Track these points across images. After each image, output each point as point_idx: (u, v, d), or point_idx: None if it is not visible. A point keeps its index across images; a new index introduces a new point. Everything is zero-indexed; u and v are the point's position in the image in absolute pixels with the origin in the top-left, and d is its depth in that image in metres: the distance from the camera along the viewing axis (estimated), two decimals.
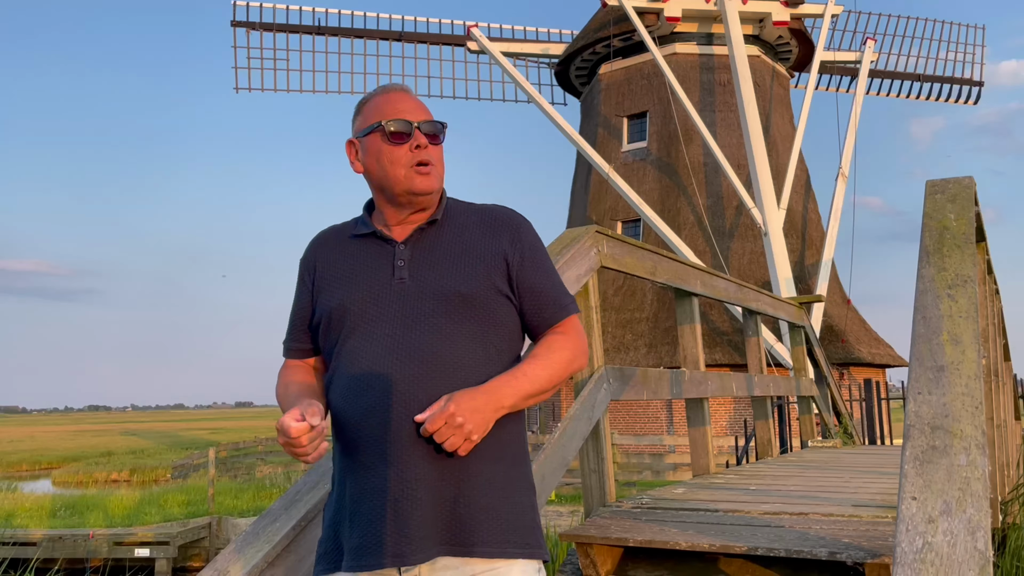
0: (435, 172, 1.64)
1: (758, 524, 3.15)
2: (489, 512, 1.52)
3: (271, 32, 24.82)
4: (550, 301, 1.67)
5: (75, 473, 31.99)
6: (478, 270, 1.61)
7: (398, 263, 1.62)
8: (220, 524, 14.16)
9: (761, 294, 6.50)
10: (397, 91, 1.70)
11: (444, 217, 1.68)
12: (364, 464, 1.53)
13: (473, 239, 1.65)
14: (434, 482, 1.50)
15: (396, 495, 1.49)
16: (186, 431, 66.68)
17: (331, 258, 1.70)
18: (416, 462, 1.49)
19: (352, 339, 1.59)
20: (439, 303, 1.57)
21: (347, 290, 1.63)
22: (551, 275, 1.70)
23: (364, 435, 1.53)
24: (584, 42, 24.81)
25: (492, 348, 1.60)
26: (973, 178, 2.88)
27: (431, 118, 1.67)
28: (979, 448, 1.69)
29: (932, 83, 27.82)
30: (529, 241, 1.69)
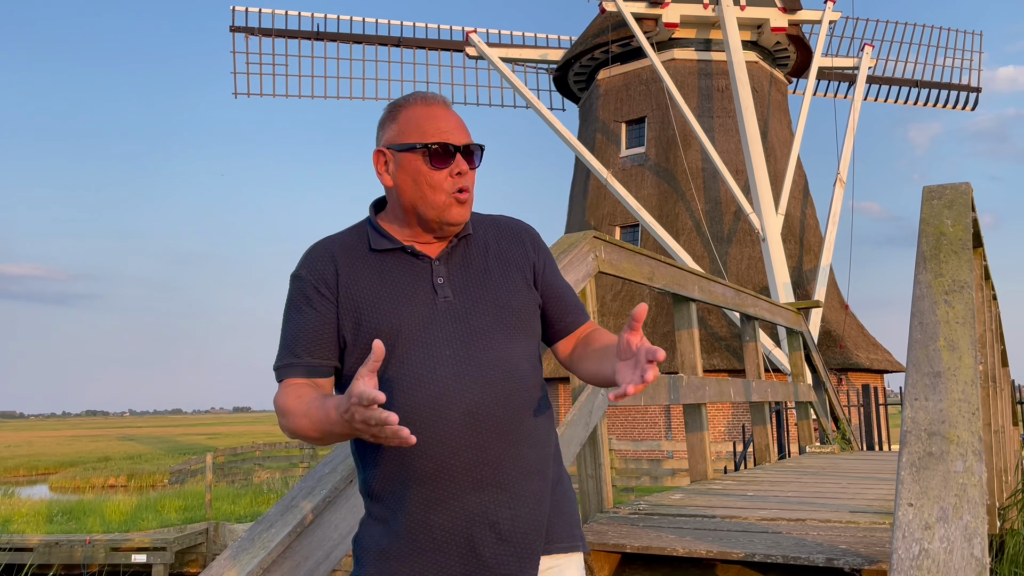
0: (470, 201, 1.58)
1: (755, 530, 3.15)
2: (558, 509, 1.58)
3: (270, 38, 24.86)
4: (572, 306, 1.71)
5: (72, 478, 31.90)
6: (519, 283, 1.62)
7: (438, 281, 1.55)
8: (217, 530, 14.12)
9: (759, 299, 6.51)
10: (439, 105, 1.59)
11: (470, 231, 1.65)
12: (453, 491, 1.47)
13: (503, 252, 1.64)
14: (532, 495, 1.52)
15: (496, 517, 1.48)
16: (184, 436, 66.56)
17: (356, 274, 1.56)
18: (512, 481, 1.50)
19: (407, 364, 1.48)
20: (495, 319, 1.55)
21: (391, 311, 1.51)
22: (565, 280, 1.75)
23: (449, 463, 1.45)
24: (582, 48, 24.86)
25: (535, 358, 1.62)
26: (970, 184, 2.88)
27: (470, 140, 1.59)
28: (976, 454, 1.69)
29: (930, 89, 27.87)
30: (545, 248, 1.72)
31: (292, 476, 21.47)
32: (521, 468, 1.51)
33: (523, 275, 1.63)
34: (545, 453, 1.57)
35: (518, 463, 1.51)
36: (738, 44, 22.14)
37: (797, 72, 25.99)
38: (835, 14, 24.33)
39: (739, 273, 21.64)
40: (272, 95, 24.98)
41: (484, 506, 1.47)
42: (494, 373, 1.50)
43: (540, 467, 1.55)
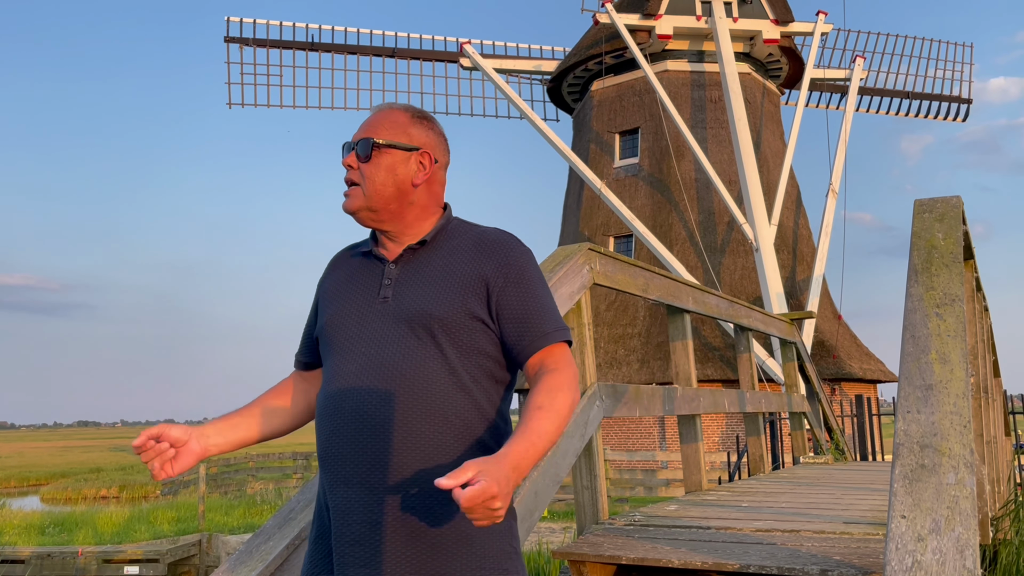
0: (355, 192, 1.63)
1: (750, 541, 3.16)
2: (463, 538, 1.46)
3: (264, 48, 24.92)
4: (531, 328, 1.58)
5: (64, 490, 31.71)
6: (454, 293, 1.57)
7: (384, 282, 1.62)
8: (210, 541, 14.05)
9: (752, 311, 6.54)
10: (372, 112, 1.71)
11: (436, 238, 1.65)
12: (333, 482, 1.53)
13: (458, 262, 1.61)
14: (397, 507, 1.46)
15: (355, 517, 1.48)
16: None
17: (336, 275, 1.73)
18: (380, 485, 1.47)
19: (333, 357, 1.61)
20: (410, 324, 1.55)
21: (337, 307, 1.65)
22: (537, 300, 1.61)
23: (333, 453, 1.53)
24: (576, 59, 24.97)
25: (467, 375, 1.54)
26: (960, 197, 2.91)
27: (367, 135, 1.63)
28: (967, 467, 1.71)
29: (921, 100, 28.08)
30: (517, 266, 1.61)
31: (285, 487, 21.38)
32: (399, 473, 1.46)
33: (464, 289, 1.57)
34: (444, 466, 1.47)
35: (396, 466, 1.47)
36: (731, 56, 22.29)
37: (789, 83, 26.15)
38: (827, 26, 24.52)
39: (732, 283, 21.70)
40: (267, 105, 25.06)
41: (348, 503, 1.49)
42: (391, 375, 1.52)
43: (427, 479, 1.46)
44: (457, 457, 1.50)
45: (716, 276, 21.49)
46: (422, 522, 1.46)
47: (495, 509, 1.30)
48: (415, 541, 1.45)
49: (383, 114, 1.68)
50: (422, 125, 1.68)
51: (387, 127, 1.65)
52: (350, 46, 25.51)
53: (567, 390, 1.53)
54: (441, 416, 1.50)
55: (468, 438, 1.53)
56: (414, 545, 1.45)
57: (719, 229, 22.45)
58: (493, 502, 1.30)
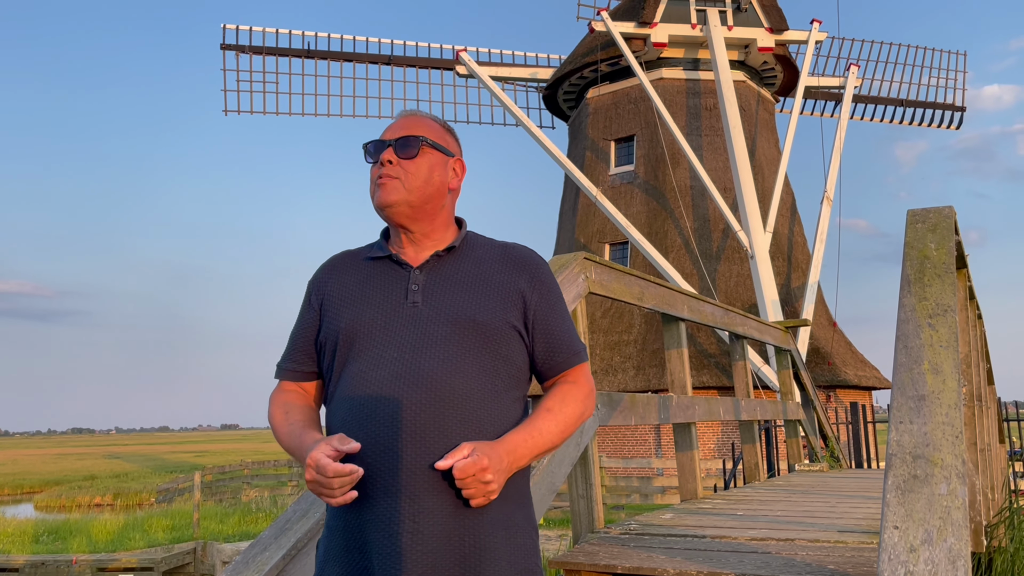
0: (394, 184, 1.61)
1: (745, 550, 3.17)
2: (494, 553, 1.47)
3: (260, 55, 24.93)
4: (563, 346, 1.64)
5: (58, 497, 31.59)
6: (494, 301, 1.58)
7: (412, 287, 1.59)
8: (205, 549, 14.00)
9: (748, 319, 6.55)
10: (399, 116, 1.71)
11: (462, 247, 1.66)
12: (367, 493, 1.47)
13: (491, 271, 1.62)
14: (441, 517, 1.45)
15: (397, 528, 1.44)
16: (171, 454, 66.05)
17: (343, 280, 1.67)
18: (423, 495, 1.45)
19: (358, 362, 1.54)
20: (452, 329, 1.53)
21: (357, 311, 1.59)
22: (566, 320, 1.67)
23: (368, 464, 1.47)
24: (572, 67, 25.04)
25: (500, 383, 1.56)
26: (953, 207, 2.93)
27: (407, 133, 1.65)
28: (959, 477, 1.72)
29: (915, 108, 28.21)
30: (548, 283, 1.66)
31: (281, 495, 21.33)
32: (436, 484, 1.45)
33: (503, 299, 1.59)
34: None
35: (433, 478, 1.44)
36: (726, 64, 22.37)
37: (784, 91, 26.25)
38: (821, 34, 24.62)
39: (728, 290, 21.74)
40: (263, 112, 25.05)
41: (389, 513, 1.45)
42: (431, 382, 1.49)
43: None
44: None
45: (712, 283, 21.53)
46: (460, 533, 1.46)
47: (487, 482, 1.41)
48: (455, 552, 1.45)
49: (418, 118, 1.70)
50: (453, 135, 1.74)
51: (427, 129, 1.68)
52: (346, 53, 25.54)
53: (579, 402, 1.61)
54: (478, 424, 1.50)
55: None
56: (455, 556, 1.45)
57: (714, 236, 22.50)
58: (484, 474, 1.40)
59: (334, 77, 25.35)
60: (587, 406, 1.63)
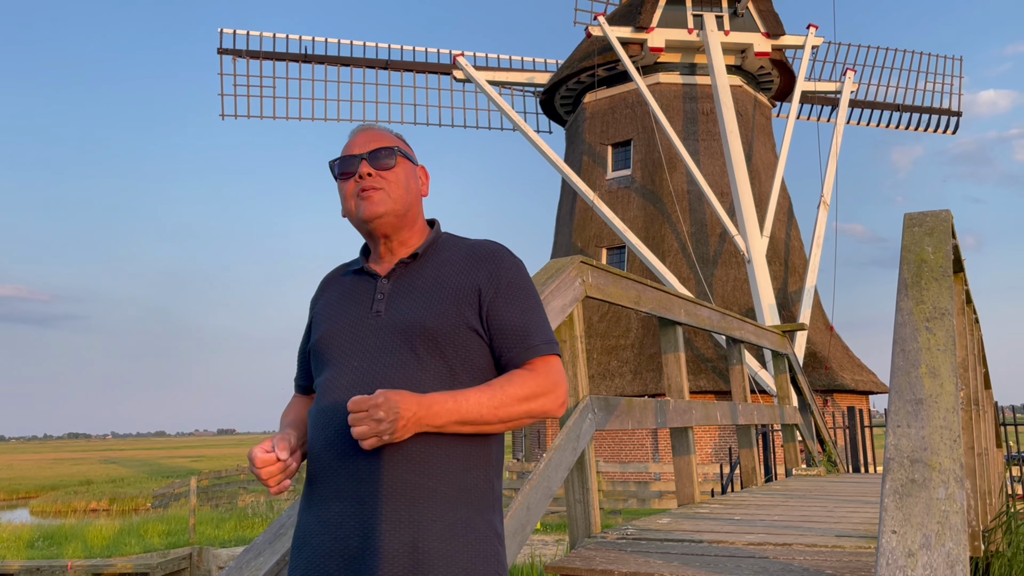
0: (378, 196, 1.63)
1: (742, 555, 3.16)
2: (447, 559, 1.45)
3: (257, 60, 24.94)
4: (519, 339, 1.59)
5: (53, 502, 31.46)
6: (448, 304, 1.57)
7: (377, 296, 1.63)
8: (201, 554, 13.93)
9: (744, 323, 6.55)
10: (357, 131, 1.72)
11: (428, 251, 1.67)
12: (321, 496, 1.53)
13: (450, 273, 1.62)
14: (388, 522, 1.45)
15: (347, 531, 1.47)
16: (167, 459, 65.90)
17: (328, 296, 1.74)
18: (371, 499, 1.46)
19: (327, 371, 1.61)
20: (404, 337, 1.56)
21: (330, 324, 1.66)
22: (527, 312, 1.61)
23: (323, 467, 1.53)
24: (569, 71, 25.07)
25: (459, 385, 1.54)
26: (950, 211, 2.93)
27: (380, 145, 1.66)
28: (957, 481, 1.71)
29: (911, 113, 28.27)
30: (508, 276, 1.62)
31: (277, 500, 21.26)
32: (388, 489, 1.46)
33: (458, 300, 1.58)
34: (431, 485, 1.47)
35: (385, 483, 1.46)
36: (722, 68, 22.42)
37: (781, 96, 26.30)
38: (817, 39, 24.68)
39: (725, 294, 21.75)
40: (260, 116, 25.06)
41: (340, 516, 1.48)
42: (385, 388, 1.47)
43: (417, 495, 1.46)
44: (446, 471, 1.50)
45: (708, 287, 21.53)
46: (412, 538, 1.45)
47: (379, 420, 1.39)
48: (406, 558, 1.44)
49: (379, 132, 1.72)
50: (409, 146, 1.77)
51: (393, 140, 1.70)
52: (343, 58, 25.56)
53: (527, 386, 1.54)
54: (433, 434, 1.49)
55: (457, 453, 1.52)
56: (405, 562, 1.43)
57: (711, 241, 22.52)
58: (376, 411, 1.39)
59: (331, 81, 25.40)
60: (537, 391, 1.54)
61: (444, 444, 1.50)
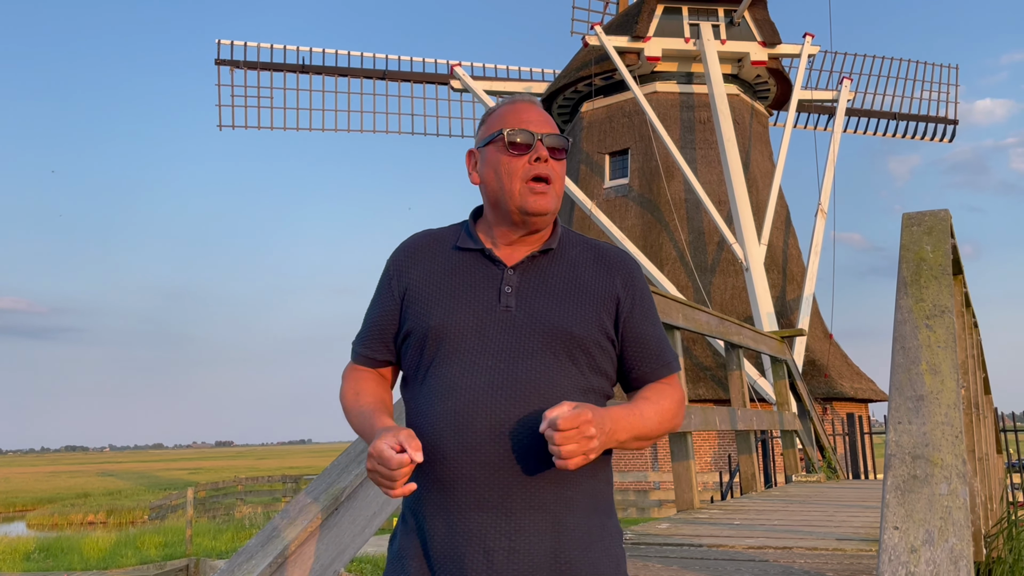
0: (552, 191, 1.52)
1: (742, 559, 3.13)
2: (590, 567, 1.43)
3: (255, 70, 24.98)
4: (655, 354, 1.58)
5: (51, 515, 31.33)
6: (589, 310, 1.51)
7: (505, 289, 1.51)
8: (198, 566, 13.87)
9: (743, 328, 6.53)
10: (524, 102, 1.58)
11: (559, 248, 1.58)
12: (459, 504, 1.42)
13: (586, 276, 1.55)
14: (534, 533, 1.40)
15: (493, 544, 1.39)
16: (165, 471, 65.68)
17: (430, 268, 1.57)
18: (518, 510, 1.40)
19: (450, 366, 1.47)
20: (549, 340, 1.47)
21: (447, 310, 1.50)
22: (658, 327, 1.61)
23: (462, 474, 1.42)
24: (566, 81, 25.13)
25: (592, 394, 1.51)
26: (949, 211, 2.91)
27: (556, 131, 1.55)
28: (960, 477, 1.69)
29: (908, 121, 28.35)
30: (641, 287, 1.60)
31: (275, 510, 21.18)
32: (533, 501, 1.40)
33: (598, 307, 1.52)
34: (569, 495, 1.43)
35: (530, 494, 1.40)
36: (719, 77, 22.47)
37: (777, 104, 26.36)
38: (814, 48, 24.76)
39: (723, 303, 21.74)
40: (257, 127, 25.08)
41: (483, 528, 1.39)
42: (529, 394, 1.43)
43: (557, 506, 1.42)
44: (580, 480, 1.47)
45: (706, 296, 21.52)
46: (554, 548, 1.41)
47: (590, 437, 1.31)
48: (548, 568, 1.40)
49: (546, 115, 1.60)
50: None
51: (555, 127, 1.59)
52: (341, 68, 25.60)
53: (675, 402, 1.55)
54: None
55: (601, 467, 1.51)
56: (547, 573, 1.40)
57: (709, 249, 22.52)
58: (588, 427, 1.30)
59: (329, 92, 25.43)
60: (680, 411, 1.56)
61: None
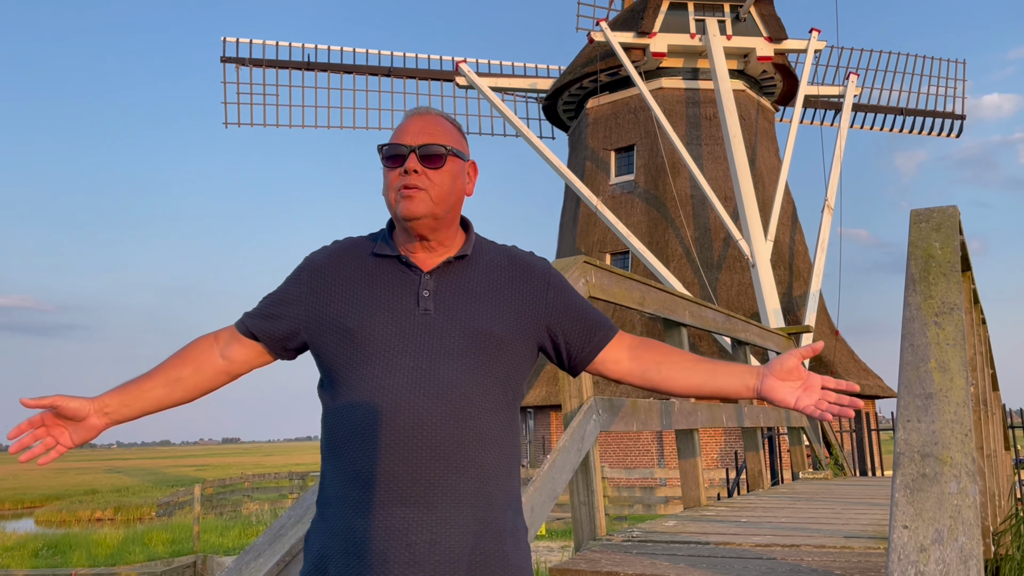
0: (421, 196, 1.56)
1: (749, 556, 3.12)
2: (503, 559, 1.49)
3: (260, 68, 25.00)
4: (598, 323, 1.69)
5: (58, 512, 31.45)
6: (507, 312, 1.58)
7: (423, 293, 1.56)
8: (205, 562, 13.91)
9: (750, 324, 6.51)
10: (414, 115, 1.63)
11: (473, 254, 1.64)
12: (381, 500, 1.46)
13: (503, 280, 1.62)
14: (457, 527, 1.46)
15: (415, 538, 1.44)
16: (172, 468, 65.90)
17: (347, 272, 1.62)
18: (440, 504, 1.45)
19: (371, 368, 1.51)
20: (469, 341, 1.52)
21: (366, 313, 1.55)
22: (586, 303, 1.72)
23: (384, 471, 1.46)
24: (571, 77, 25.08)
25: (511, 392, 1.57)
26: (957, 207, 2.90)
27: (431, 140, 1.58)
28: (969, 475, 1.68)
29: (915, 116, 28.23)
30: (557, 278, 1.69)
31: (281, 507, 21.24)
32: (454, 495, 1.46)
33: (516, 307, 1.59)
34: (488, 490, 1.50)
35: (452, 489, 1.46)
36: (725, 73, 22.40)
37: (784, 100, 26.27)
38: (820, 43, 24.67)
39: (729, 299, 21.69)
40: (263, 124, 25.11)
41: (406, 523, 1.44)
42: (451, 394, 1.48)
43: (478, 501, 1.48)
44: (499, 479, 1.53)
45: (713, 292, 21.48)
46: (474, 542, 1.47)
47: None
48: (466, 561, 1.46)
49: (437, 121, 1.64)
50: (464, 135, 1.70)
51: (447, 134, 1.62)
52: (346, 65, 25.60)
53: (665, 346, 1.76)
54: (491, 440, 1.52)
55: (506, 458, 1.56)
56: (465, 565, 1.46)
57: (715, 245, 22.47)
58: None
59: (334, 89, 25.43)
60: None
61: (499, 450, 1.53)
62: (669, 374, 1.69)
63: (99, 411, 1.60)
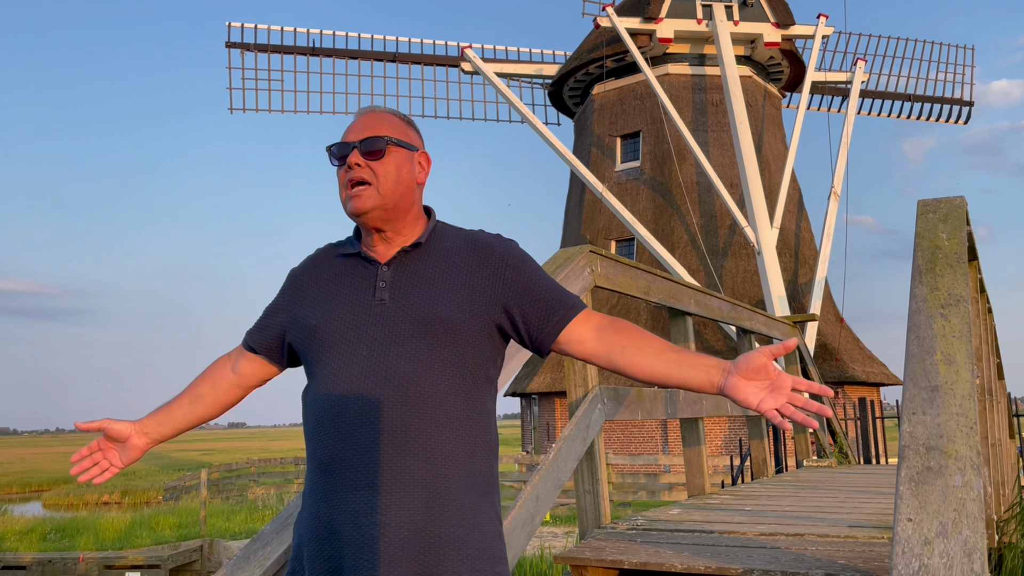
0: (367, 192, 1.60)
1: (754, 545, 3.13)
2: (458, 542, 1.50)
3: (266, 53, 24.93)
4: (558, 302, 1.65)
5: (66, 495, 31.69)
6: (461, 295, 1.59)
7: (379, 284, 1.61)
8: (212, 547, 14.01)
9: (755, 313, 6.51)
10: (360, 115, 1.70)
11: (430, 241, 1.67)
12: (337, 486, 1.52)
13: (458, 264, 1.63)
14: (406, 508, 1.48)
15: (364, 520, 1.48)
16: (178, 452, 66.25)
17: (317, 275, 1.71)
18: (387, 488, 1.49)
19: (329, 359, 1.58)
20: (418, 327, 1.55)
21: (327, 308, 1.62)
22: (548, 280, 1.67)
23: (338, 458, 1.52)
24: (577, 63, 24.97)
25: (469, 376, 1.58)
26: (964, 198, 2.89)
27: (372, 134, 1.63)
28: (974, 469, 1.68)
29: (923, 103, 28.03)
30: (519, 260, 1.66)
31: (287, 492, 21.35)
32: (404, 478, 1.49)
33: (472, 291, 1.60)
34: (443, 472, 1.51)
35: (401, 472, 1.49)
36: (732, 59, 22.27)
37: (791, 86, 26.14)
38: (828, 29, 24.51)
39: (735, 286, 21.67)
40: (268, 110, 25.06)
41: (357, 507, 1.49)
42: (399, 379, 1.52)
43: (430, 483, 1.50)
44: (457, 461, 1.54)
45: (718, 279, 21.46)
46: (425, 523, 1.49)
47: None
48: (420, 542, 1.48)
49: (379, 115, 1.69)
50: (414, 128, 1.74)
51: (388, 127, 1.66)
52: (351, 51, 25.51)
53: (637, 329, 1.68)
54: (445, 423, 1.53)
55: (466, 441, 1.56)
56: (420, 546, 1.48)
57: (721, 232, 22.43)
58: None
59: (339, 75, 25.34)
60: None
61: (454, 432, 1.54)
62: (633, 359, 1.60)
63: (139, 432, 1.78)
